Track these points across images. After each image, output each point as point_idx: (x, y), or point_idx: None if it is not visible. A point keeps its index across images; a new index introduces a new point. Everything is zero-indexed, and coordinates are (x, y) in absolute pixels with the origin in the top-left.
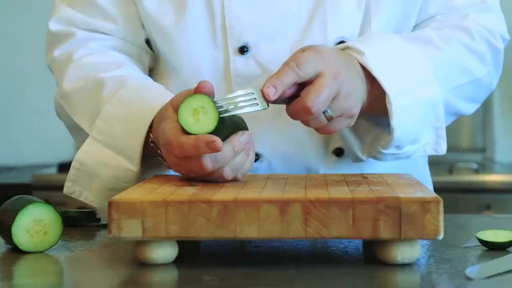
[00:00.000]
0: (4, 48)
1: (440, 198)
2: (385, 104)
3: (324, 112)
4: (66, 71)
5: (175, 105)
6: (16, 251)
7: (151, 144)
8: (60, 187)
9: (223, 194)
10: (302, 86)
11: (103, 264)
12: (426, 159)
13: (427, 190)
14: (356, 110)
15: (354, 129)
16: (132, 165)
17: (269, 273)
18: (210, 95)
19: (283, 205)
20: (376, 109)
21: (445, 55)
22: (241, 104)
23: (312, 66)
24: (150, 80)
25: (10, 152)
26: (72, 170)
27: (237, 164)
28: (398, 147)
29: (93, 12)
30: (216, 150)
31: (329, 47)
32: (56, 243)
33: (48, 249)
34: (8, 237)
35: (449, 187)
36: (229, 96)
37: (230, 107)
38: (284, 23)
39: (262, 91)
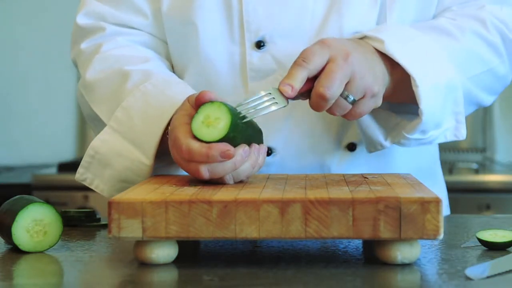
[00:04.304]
0: (5, 48)
1: (440, 198)
2: (408, 90)
3: (346, 98)
4: (91, 61)
5: (191, 100)
6: (16, 251)
7: (167, 136)
8: (60, 187)
9: (223, 194)
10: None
11: (103, 264)
12: (439, 162)
13: (427, 190)
14: (377, 88)
15: (375, 117)
16: (146, 159)
17: (269, 273)
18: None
19: (283, 205)
20: (399, 95)
21: (459, 45)
22: (261, 106)
23: (319, 56)
24: (175, 76)
25: (10, 152)
26: (86, 157)
27: (239, 172)
28: (423, 132)
29: (123, 6)
30: (229, 158)
31: (337, 37)
32: (56, 243)
33: (48, 249)
34: (8, 237)
35: (449, 187)
36: (249, 100)
37: (250, 111)
38: (300, 18)
39: (279, 89)
